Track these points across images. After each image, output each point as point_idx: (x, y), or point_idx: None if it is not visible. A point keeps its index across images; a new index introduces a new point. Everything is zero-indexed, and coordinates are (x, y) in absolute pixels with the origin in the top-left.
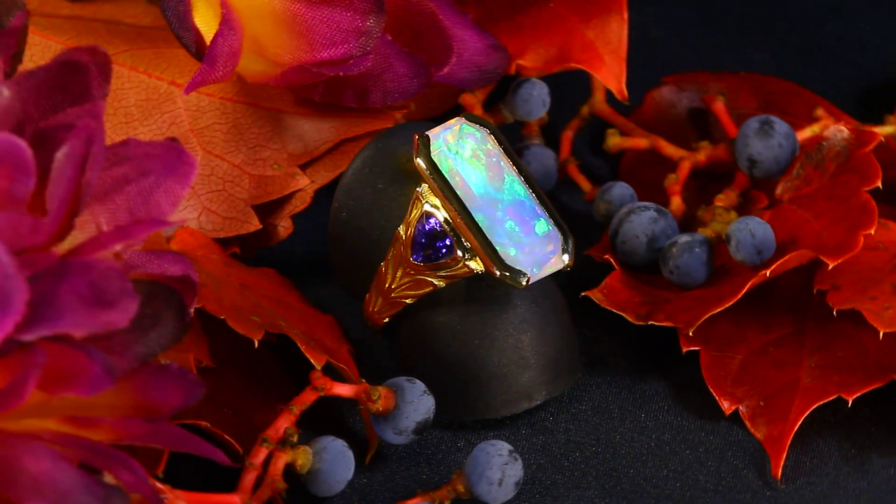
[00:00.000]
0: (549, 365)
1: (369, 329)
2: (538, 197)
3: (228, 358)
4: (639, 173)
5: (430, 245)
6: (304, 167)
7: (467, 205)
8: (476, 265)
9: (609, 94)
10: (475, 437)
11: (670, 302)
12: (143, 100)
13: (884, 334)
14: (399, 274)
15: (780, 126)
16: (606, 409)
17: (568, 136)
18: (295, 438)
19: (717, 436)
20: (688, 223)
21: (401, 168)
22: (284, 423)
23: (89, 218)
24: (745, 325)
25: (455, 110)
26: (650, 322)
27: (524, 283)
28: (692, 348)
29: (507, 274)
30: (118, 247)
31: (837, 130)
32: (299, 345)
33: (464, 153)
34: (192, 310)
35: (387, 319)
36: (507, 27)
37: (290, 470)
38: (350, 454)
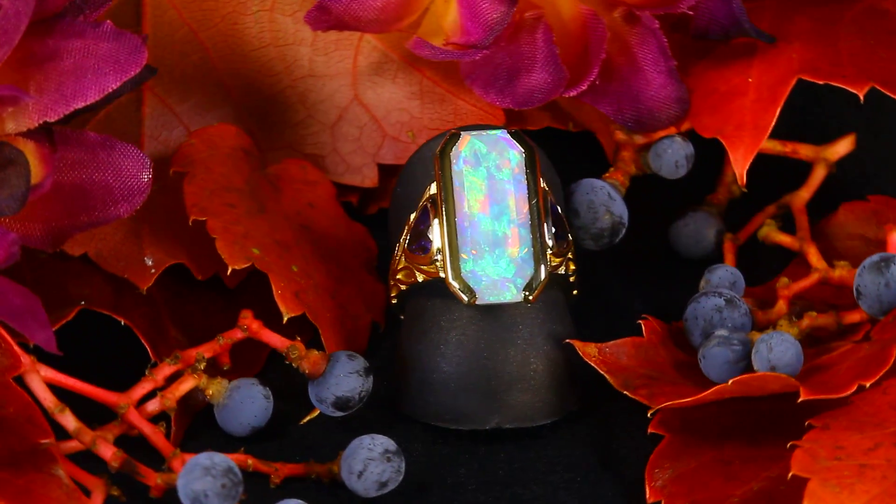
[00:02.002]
0: (504, 397)
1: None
2: (538, 231)
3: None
4: (804, 274)
5: (419, 238)
6: None
7: (457, 211)
8: (441, 268)
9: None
10: (419, 439)
11: (674, 385)
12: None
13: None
14: (402, 258)
15: None
16: (544, 459)
17: (758, 219)
18: (202, 366)
19: None
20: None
21: None
22: (204, 349)
23: (20, 78)
24: (734, 433)
25: None
26: (626, 392)
27: (467, 301)
28: (657, 432)
29: (456, 285)
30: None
31: None
32: (274, 290)
33: (487, 163)
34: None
35: (394, 301)
36: (706, 87)
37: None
38: (266, 404)
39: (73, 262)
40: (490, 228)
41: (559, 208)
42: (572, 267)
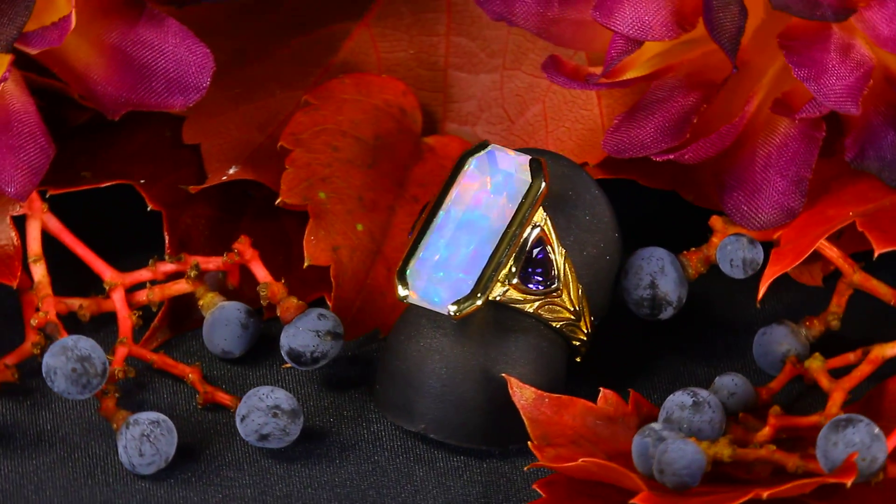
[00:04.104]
0: (440, 406)
1: None
2: (498, 257)
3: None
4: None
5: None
6: None
7: (438, 213)
8: None
9: None
10: (348, 417)
11: (592, 457)
12: None
13: None
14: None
15: (856, 434)
16: (426, 479)
17: (841, 358)
18: (193, 273)
19: None
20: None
21: None
22: (203, 260)
23: None
24: None
25: None
26: (530, 441)
27: (400, 296)
28: (538, 490)
29: (397, 278)
30: None
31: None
32: (306, 235)
33: (491, 179)
34: None
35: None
36: (821, 208)
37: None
38: (240, 332)
39: (184, 150)
40: (457, 238)
41: (557, 249)
42: (567, 315)
